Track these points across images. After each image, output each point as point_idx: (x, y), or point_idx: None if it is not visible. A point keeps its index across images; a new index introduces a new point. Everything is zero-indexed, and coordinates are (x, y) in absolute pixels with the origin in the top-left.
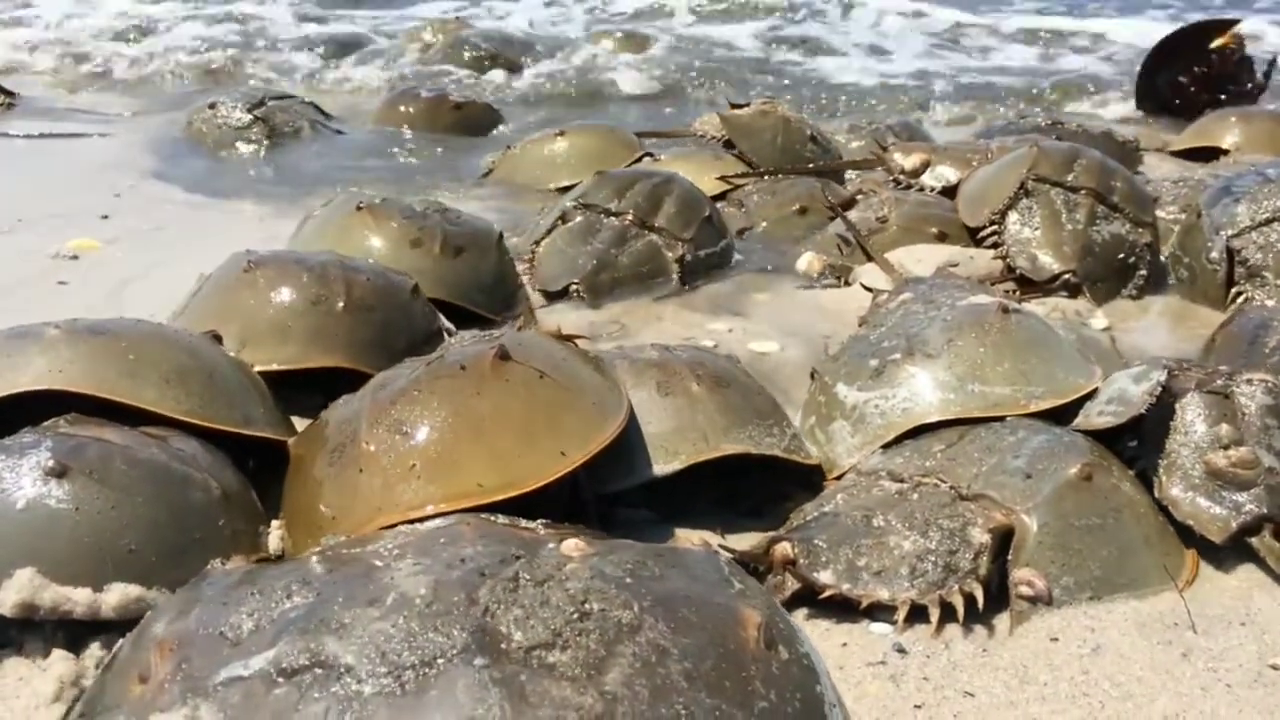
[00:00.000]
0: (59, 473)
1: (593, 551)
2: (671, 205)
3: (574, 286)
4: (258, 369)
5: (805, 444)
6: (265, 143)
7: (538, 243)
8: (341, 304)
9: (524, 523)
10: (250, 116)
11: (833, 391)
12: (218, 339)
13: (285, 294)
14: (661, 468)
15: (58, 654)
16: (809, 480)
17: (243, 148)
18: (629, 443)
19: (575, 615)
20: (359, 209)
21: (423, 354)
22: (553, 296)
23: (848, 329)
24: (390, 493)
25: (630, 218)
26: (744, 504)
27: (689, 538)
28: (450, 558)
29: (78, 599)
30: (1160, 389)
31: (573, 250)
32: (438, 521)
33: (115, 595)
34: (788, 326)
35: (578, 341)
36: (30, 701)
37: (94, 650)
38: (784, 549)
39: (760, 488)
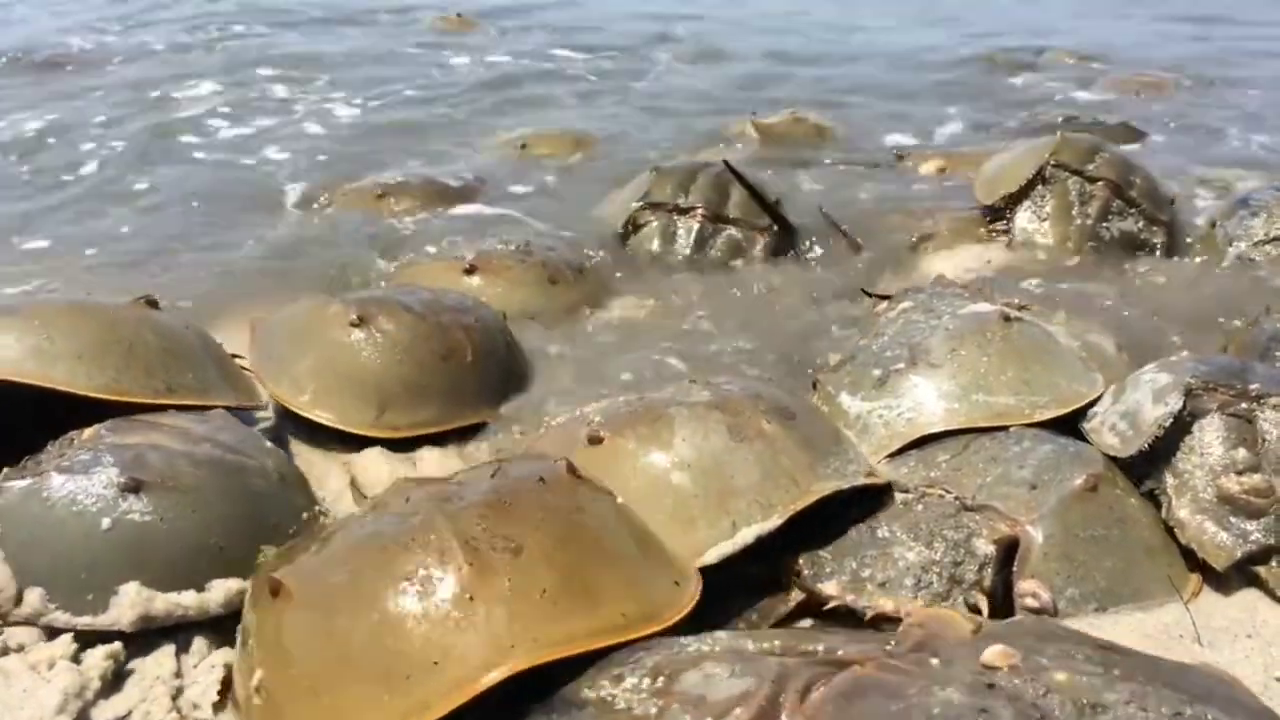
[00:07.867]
0: (134, 488)
1: (1017, 653)
2: (738, 192)
3: None
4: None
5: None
6: None
7: None
8: (470, 356)
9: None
10: None
11: (836, 402)
12: (153, 304)
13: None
14: (761, 525)
15: (62, 665)
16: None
17: None
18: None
19: None
20: None
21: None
22: None
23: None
24: (524, 627)
25: (703, 211)
26: None
27: None
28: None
29: (187, 603)
30: (1172, 420)
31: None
32: (726, 668)
33: (219, 592)
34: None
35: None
36: (35, 713)
37: (98, 661)
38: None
39: None
